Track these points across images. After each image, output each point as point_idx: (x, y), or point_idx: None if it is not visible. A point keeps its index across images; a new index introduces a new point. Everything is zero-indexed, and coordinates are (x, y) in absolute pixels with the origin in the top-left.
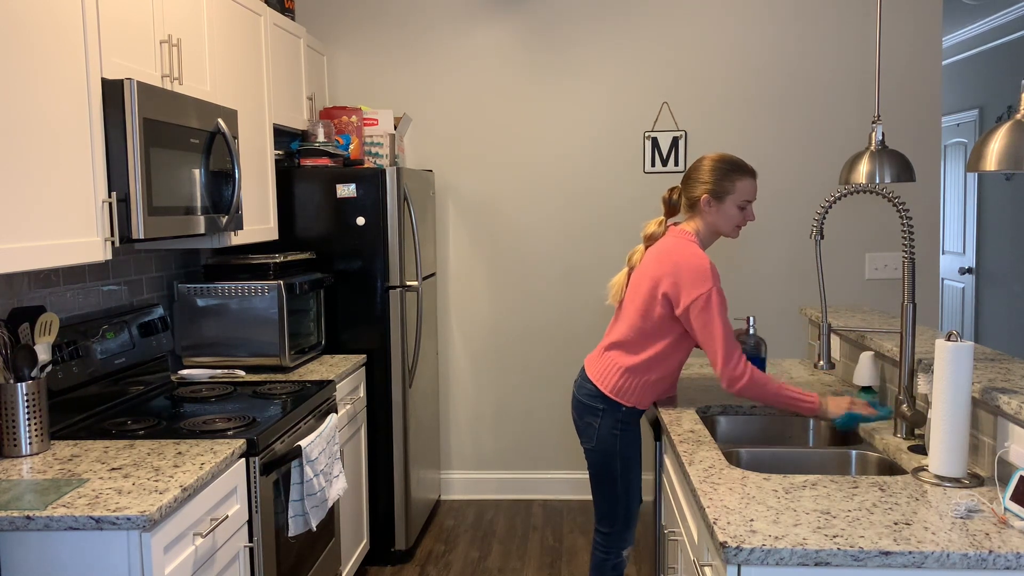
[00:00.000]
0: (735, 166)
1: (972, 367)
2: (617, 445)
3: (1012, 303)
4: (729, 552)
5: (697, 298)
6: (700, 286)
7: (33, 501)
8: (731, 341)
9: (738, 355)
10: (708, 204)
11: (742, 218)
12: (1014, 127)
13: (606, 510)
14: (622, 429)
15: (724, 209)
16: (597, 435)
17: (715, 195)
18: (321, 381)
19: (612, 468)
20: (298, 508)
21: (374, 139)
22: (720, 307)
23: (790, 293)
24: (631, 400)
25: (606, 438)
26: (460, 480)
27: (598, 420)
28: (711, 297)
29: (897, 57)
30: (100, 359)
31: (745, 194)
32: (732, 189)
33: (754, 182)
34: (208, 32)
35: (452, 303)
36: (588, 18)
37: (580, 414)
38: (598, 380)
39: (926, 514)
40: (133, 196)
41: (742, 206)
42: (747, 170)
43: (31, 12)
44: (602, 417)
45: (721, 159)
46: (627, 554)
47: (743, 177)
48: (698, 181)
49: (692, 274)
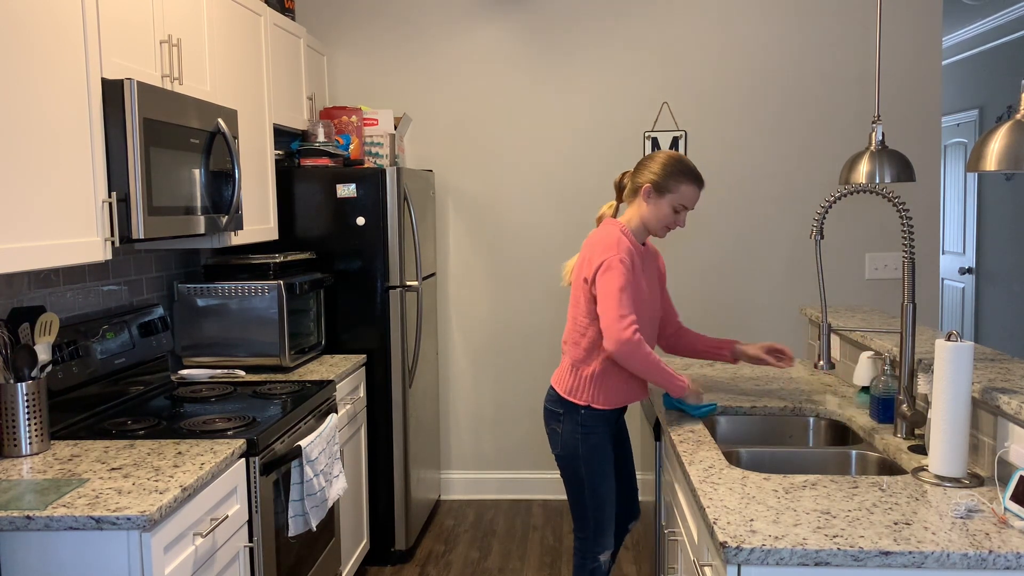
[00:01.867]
0: (686, 169)
1: (972, 367)
2: (580, 448)
3: (1012, 303)
4: (729, 552)
5: (600, 264)
6: (604, 254)
7: (33, 501)
8: (627, 304)
9: (631, 320)
10: (648, 194)
11: (673, 221)
12: (1014, 127)
13: (578, 515)
14: (584, 432)
15: (660, 205)
16: (561, 440)
17: (657, 188)
18: (321, 381)
19: (578, 472)
20: (298, 508)
21: (374, 139)
22: (622, 272)
23: (790, 293)
24: (584, 398)
25: (569, 442)
26: (460, 480)
27: (560, 425)
28: (613, 261)
29: (897, 57)
30: (100, 359)
31: (685, 199)
32: (675, 189)
33: (698, 192)
34: (208, 32)
35: (452, 303)
36: (588, 18)
37: (546, 421)
38: (556, 383)
39: (926, 514)
40: (133, 196)
41: (678, 209)
42: (696, 177)
43: (31, 12)
44: (563, 421)
45: (677, 158)
46: (605, 559)
47: (689, 183)
48: (647, 169)
49: (600, 246)
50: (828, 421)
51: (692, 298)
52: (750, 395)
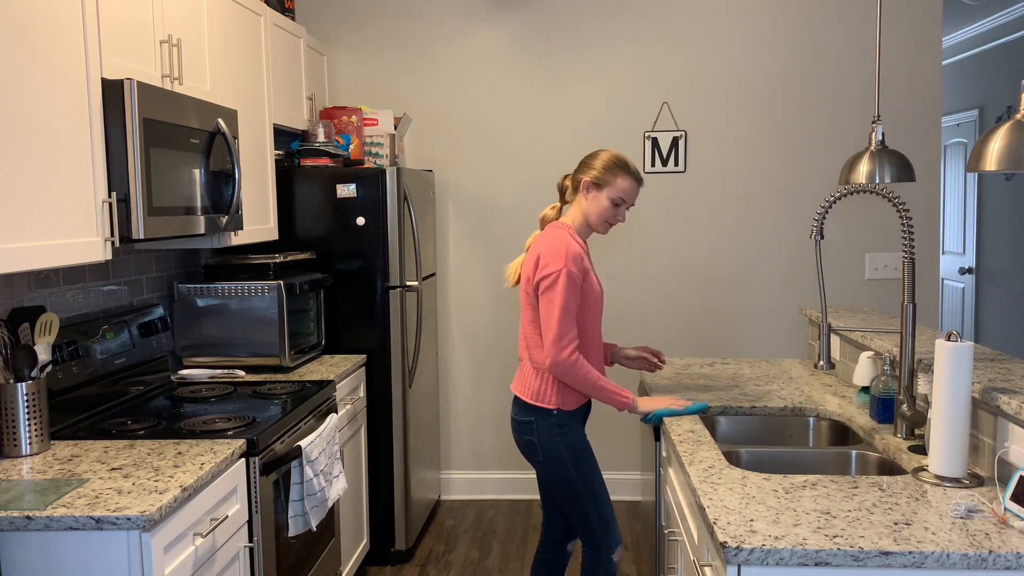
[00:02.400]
0: (624, 165)
1: (972, 367)
2: (562, 449)
3: (1012, 303)
4: (729, 552)
5: (546, 276)
6: (551, 265)
7: (33, 501)
8: (568, 324)
9: (571, 338)
10: (587, 189)
11: (613, 215)
12: (1014, 127)
13: (580, 522)
14: (562, 432)
15: (598, 199)
16: (540, 448)
17: (596, 183)
18: (321, 381)
19: (567, 475)
20: (298, 508)
21: (374, 139)
22: (566, 289)
23: (790, 293)
24: (553, 401)
25: (549, 447)
26: (460, 480)
27: (535, 433)
28: (559, 278)
29: (897, 57)
30: (100, 359)
31: (622, 192)
32: (612, 182)
33: (636, 187)
34: (208, 32)
35: (452, 303)
36: (588, 18)
37: (518, 434)
38: (520, 391)
39: (926, 514)
40: (133, 196)
41: (616, 202)
42: (633, 173)
43: (31, 12)
44: (536, 429)
45: (616, 155)
46: (617, 556)
47: (627, 177)
48: (588, 167)
49: (548, 255)
50: (828, 421)
51: (692, 298)
52: (750, 395)
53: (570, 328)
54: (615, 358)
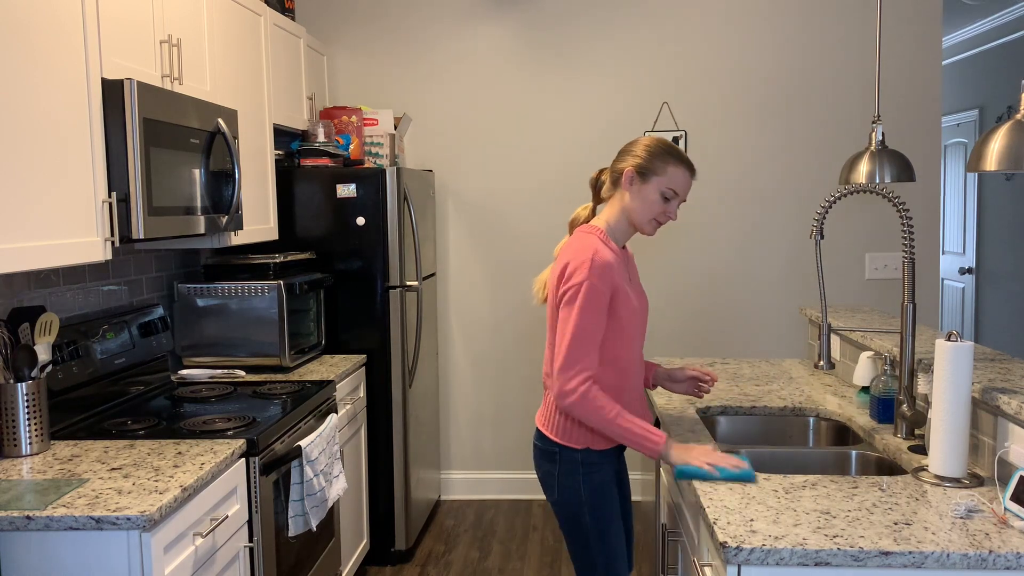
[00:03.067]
0: (675, 151)
1: (972, 367)
2: (583, 492)
3: (1012, 303)
4: (729, 552)
5: (568, 289)
6: (574, 277)
7: (33, 501)
8: (581, 349)
9: (583, 367)
10: (631, 181)
11: (663, 211)
12: (1014, 127)
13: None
14: (585, 473)
15: (645, 192)
16: (558, 485)
17: (641, 171)
18: (321, 381)
19: (581, 521)
20: (298, 508)
21: (374, 139)
22: (585, 306)
23: (790, 293)
24: (581, 440)
25: (568, 486)
26: (460, 480)
27: (555, 467)
28: (579, 292)
29: (897, 57)
30: (100, 359)
31: (675, 182)
32: (662, 171)
33: (689, 177)
34: (208, 32)
35: (452, 303)
36: (588, 18)
37: (537, 462)
38: (543, 424)
39: (926, 514)
40: (133, 196)
41: (667, 196)
42: (685, 160)
43: (31, 12)
44: (559, 463)
45: (662, 140)
46: None
47: (679, 164)
48: (630, 154)
49: (573, 265)
50: (828, 421)
51: (691, 299)
52: (750, 395)
53: (584, 354)
54: (658, 381)
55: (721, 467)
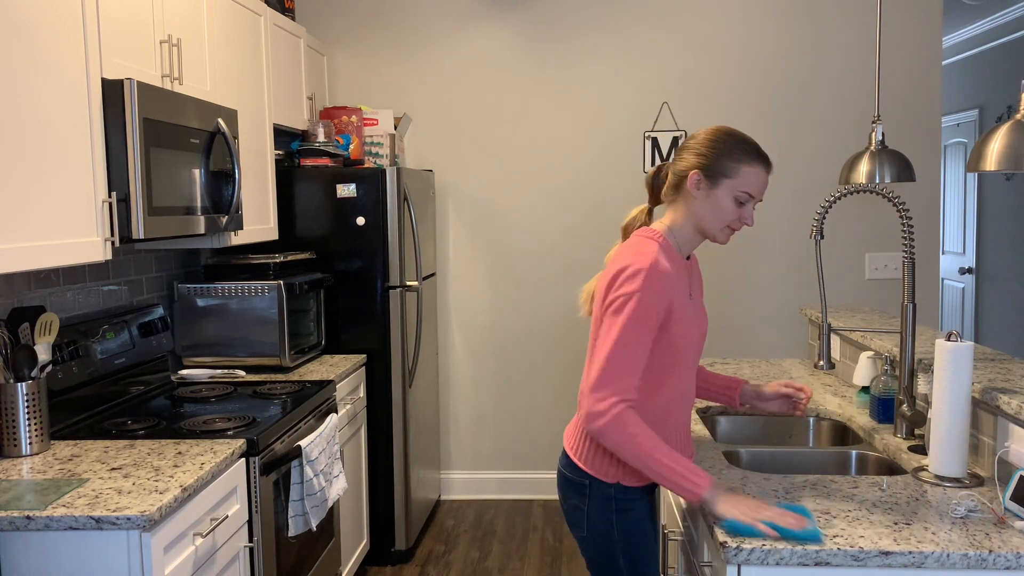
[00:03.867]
0: (750, 146)
1: (972, 367)
2: (615, 532)
3: (1012, 303)
4: (729, 552)
5: (616, 299)
6: (626, 285)
7: (33, 501)
8: (621, 366)
9: (617, 387)
10: (696, 185)
11: (738, 217)
12: (1014, 127)
13: None
14: (619, 511)
15: (716, 197)
16: (587, 521)
17: (708, 173)
18: (321, 381)
19: (614, 560)
20: (298, 508)
21: (374, 139)
22: (633, 319)
23: (790, 293)
24: (617, 475)
25: (599, 524)
26: (460, 480)
27: (586, 501)
28: (627, 303)
29: (897, 57)
30: (100, 359)
31: (749, 183)
32: (733, 171)
33: (765, 175)
34: (208, 32)
35: (452, 303)
36: (588, 18)
37: (563, 492)
38: (573, 450)
39: (926, 514)
40: (133, 196)
41: (741, 199)
42: (760, 155)
43: (31, 12)
44: (590, 496)
45: (729, 131)
46: None
47: (755, 162)
48: (696, 152)
49: (627, 273)
50: (828, 421)
51: None
52: None
53: (624, 373)
54: (745, 400)
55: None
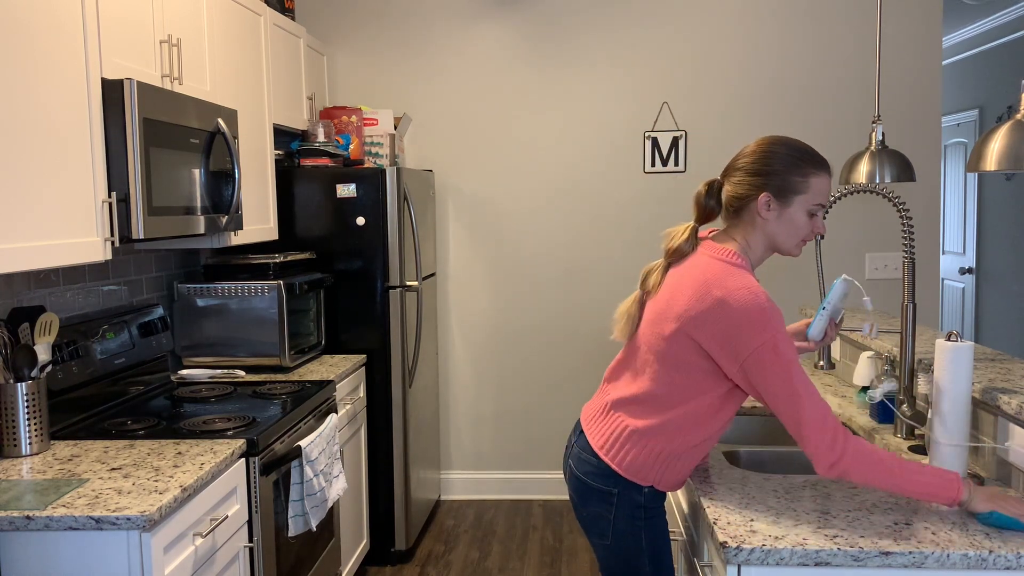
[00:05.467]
0: (810, 157)
1: (972, 367)
2: (643, 540)
3: (1012, 303)
4: (729, 552)
5: (757, 349)
6: (758, 332)
7: (33, 501)
8: (816, 406)
9: (830, 425)
10: (767, 207)
11: (811, 229)
12: (1014, 127)
13: None
14: (647, 516)
15: (790, 215)
16: (613, 530)
17: (779, 193)
18: (321, 381)
19: (639, 569)
20: (298, 508)
21: (374, 139)
22: (791, 356)
23: (790, 293)
24: (653, 479)
25: (626, 533)
26: (460, 480)
27: (611, 509)
28: (776, 345)
29: (897, 57)
30: (100, 359)
31: (820, 195)
32: (804, 187)
33: (830, 180)
34: (208, 32)
35: (452, 303)
36: (588, 18)
37: (584, 499)
38: (605, 451)
39: (926, 514)
40: (133, 196)
41: (813, 211)
42: (824, 163)
43: (31, 12)
44: (617, 504)
45: (785, 142)
46: None
47: (819, 172)
48: (747, 171)
49: (744, 315)
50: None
51: None
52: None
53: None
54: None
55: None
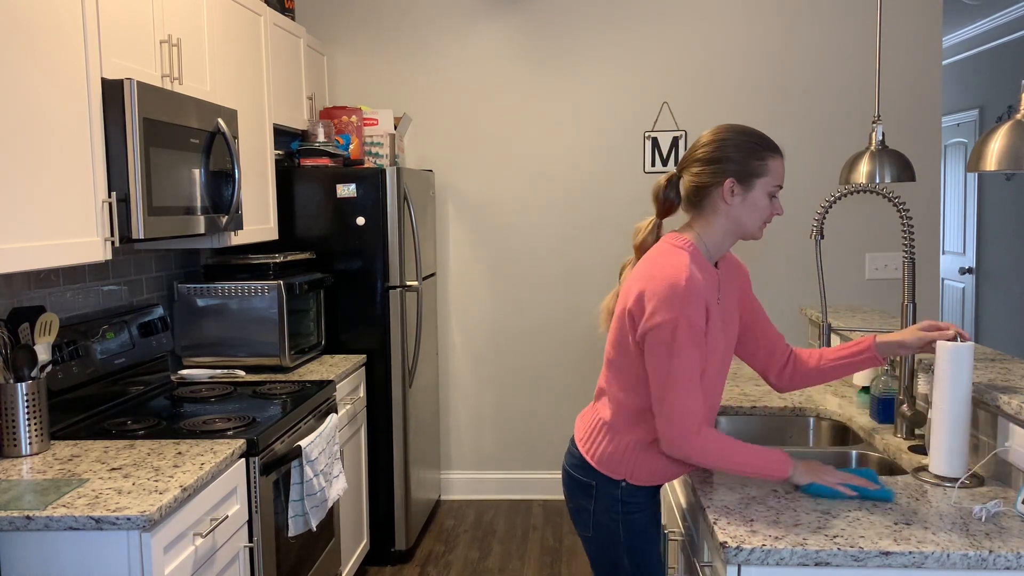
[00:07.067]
0: (764, 141)
1: (972, 367)
2: (620, 532)
3: (1012, 303)
4: (729, 552)
5: (659, 324)
6: (666, 309)
7: (33, 501)
8: (690, 397)
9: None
10: (731, 192)
11: (771, 211)
12: (1014, 127)
13: None
14: (625, 511)
15: (753, 199)
16: (593, 521)
17: (741, 178)
18: (321, 381)
19: (618, 563)
20: (298, 508)
21: (374, 139)
22: (686, 344)
23: (790, 293)
24: (625, 472)
25: (605, 524)
26: (460, 480)
27: (592, 502)
28: (677, 328)
29: (897, 57)
30: (100, 359)
31: (778, 176)
32: (763, 170)
33: (783, 162)
34: (208, 32)
35: (452, 303)
36: (588, 18)
37: (570, 492)
38: (583, 444)
39: (926, 514)
40: (133, 196)
41: (772, 193)
42: (774, 145)
43: (31, 12)
44: (596, 497)
45: (737, 129)
46: None
47: (774, 154)
48: (705, 161)
49: (660, 292)
50: (828, 421)
51: None
52: (750, 395)
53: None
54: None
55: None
